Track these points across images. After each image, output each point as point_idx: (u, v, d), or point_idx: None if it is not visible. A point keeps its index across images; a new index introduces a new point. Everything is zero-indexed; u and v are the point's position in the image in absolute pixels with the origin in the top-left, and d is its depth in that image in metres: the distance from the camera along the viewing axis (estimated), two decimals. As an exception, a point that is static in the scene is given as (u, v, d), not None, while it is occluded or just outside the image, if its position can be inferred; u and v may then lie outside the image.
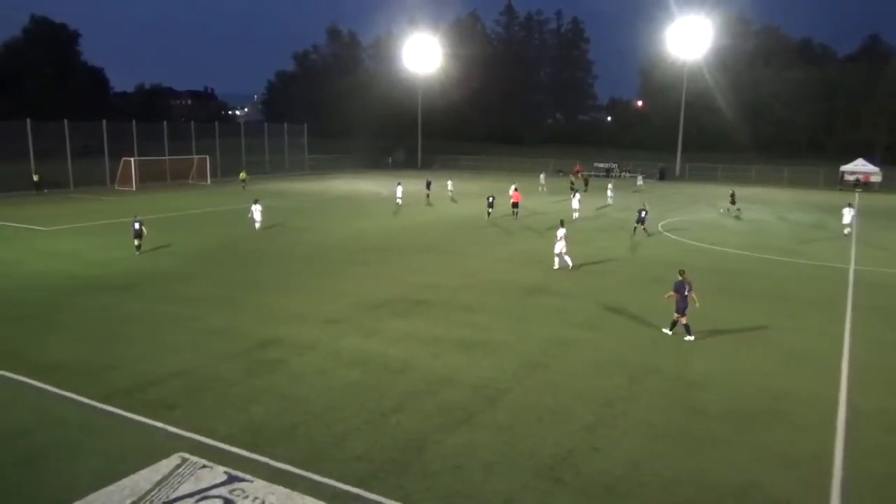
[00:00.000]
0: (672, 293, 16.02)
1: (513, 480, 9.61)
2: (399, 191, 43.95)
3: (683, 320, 15.90)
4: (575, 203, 38.04)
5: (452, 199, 46.42)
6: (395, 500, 9.06)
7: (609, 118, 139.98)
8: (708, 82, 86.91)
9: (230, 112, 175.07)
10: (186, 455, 10.11)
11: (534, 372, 13.91)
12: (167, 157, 58.64)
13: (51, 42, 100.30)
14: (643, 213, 32.33)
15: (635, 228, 32.47)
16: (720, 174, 71.60)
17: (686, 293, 15.74)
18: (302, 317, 17.61)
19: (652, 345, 15.75)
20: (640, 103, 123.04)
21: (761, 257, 27.29)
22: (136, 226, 26.09)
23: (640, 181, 62.56)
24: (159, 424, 11.18)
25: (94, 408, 11.88)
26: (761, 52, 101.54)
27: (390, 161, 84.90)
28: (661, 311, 17.30)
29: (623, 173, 73.91)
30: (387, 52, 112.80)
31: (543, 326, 17.06)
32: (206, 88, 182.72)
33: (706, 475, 9.87)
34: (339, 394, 12.61)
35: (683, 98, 73.33)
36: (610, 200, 45.39)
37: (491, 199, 37.59)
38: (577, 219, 36.75)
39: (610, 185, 48.10)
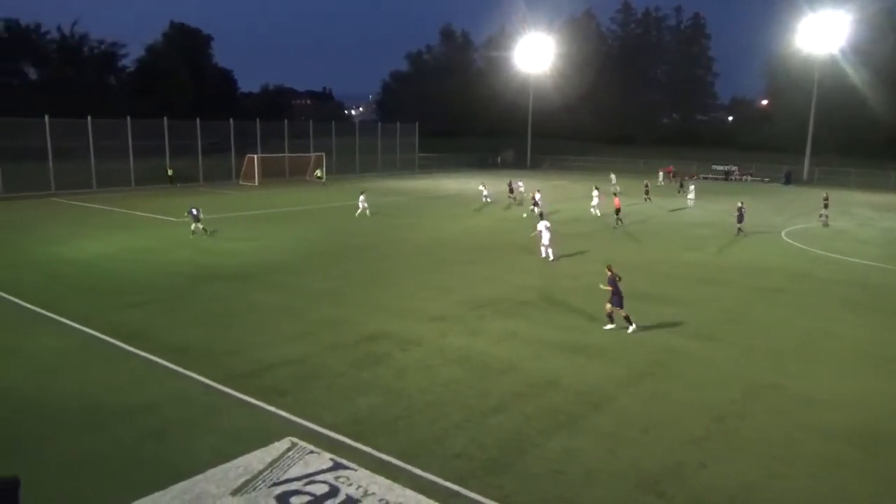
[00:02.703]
0: (608, 286, 16.39)
1: (614, 490, 9.35)
2: (485, 190, 44.64)
3: (622, 312, 16.28)
4: (594, 201, 38.30)
5: (517, 203, 44.51)
6: (494, 499, 9.04)
7: (730, 118, 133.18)
8: (843, 81, 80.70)
9: (346, 112, 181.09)
10: (296, 440, 10.57)
11: (640, 380, 13.48)
12: (287, 155, 61.60)
13: (187, 46, 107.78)
14: (741, 211, 31.65)
15: (739, 229, 31.68)
16: (853, 179, 66.18)
17: (616, 285, 16.32)
18: (408, 312, 17.96)
19: (772, 359, 14.85)
20: (764, 102, 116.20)
21: (899, 270, 25.07)
22: (194, 212, 29.68)
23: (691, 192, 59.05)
24: (272, 409, 11.75)
25: (215, 389, 12.66)
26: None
27: (499, 160, 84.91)
28: (784, 324, 16.28)
29: (745, 177, 70.09)
30: (499, 52, 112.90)
31: (651, 333, 16.47)
32: (324, 89, 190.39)
33: (829, 503, 9.18)
34: (442, 390, 12.75)
35: (814, 97, 68.50)
36: (690, 203, 43.08)
37: (537, 198, 37.03)
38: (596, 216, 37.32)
39: (692, 187, 45.35)
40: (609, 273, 16.42)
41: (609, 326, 16.63)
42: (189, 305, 18.71)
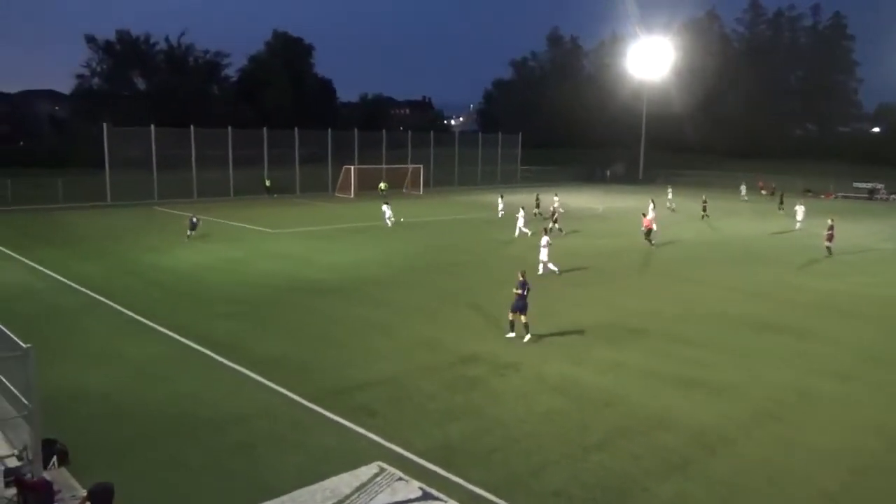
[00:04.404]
0: (517, 291, 17.02)
1: (733, 545, 8.85)
2: (501, 203, 44.44)
3: (523, 319, 16.96)
4: (650, 213, 36.39)
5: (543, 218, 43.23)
6: (595, 545, 8.78)
7: (876, 129, 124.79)
8: None
9: (445, 121, 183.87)
10: (384, 465, 10.70)
11: (764, 423, 12.75)
12: (384, 166, 63.16)
13: (288, 55, 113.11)
14: (831, 231, 30.87)
15: (828, 248, 30.88)
16: None
17: (524, 293, 16.97)
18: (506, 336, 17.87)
19: (923, 406, 13.68)
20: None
21: None
22: (194, 220, 33.80)
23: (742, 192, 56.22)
24: (361, 430, 11.97)
25: (303, 406, 13.05)
26: None
27: (608, 174, 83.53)
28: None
29: (893, 196, 65.40)
30: (610, 58, 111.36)
31: (778, 370, 15.59)
32: (423, 98, 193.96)
33: None
34: (540, 421, 12.57)
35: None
36: (799, 225, 40.15)
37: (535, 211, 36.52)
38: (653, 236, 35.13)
39: (801, 208, 41.84)
40: (520, 278, 17.27)
41: (511, 335, 17.38)
42: (281, 318, 19.45)
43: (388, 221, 38.76)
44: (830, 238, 31.07)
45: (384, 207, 39.60)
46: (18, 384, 9.29)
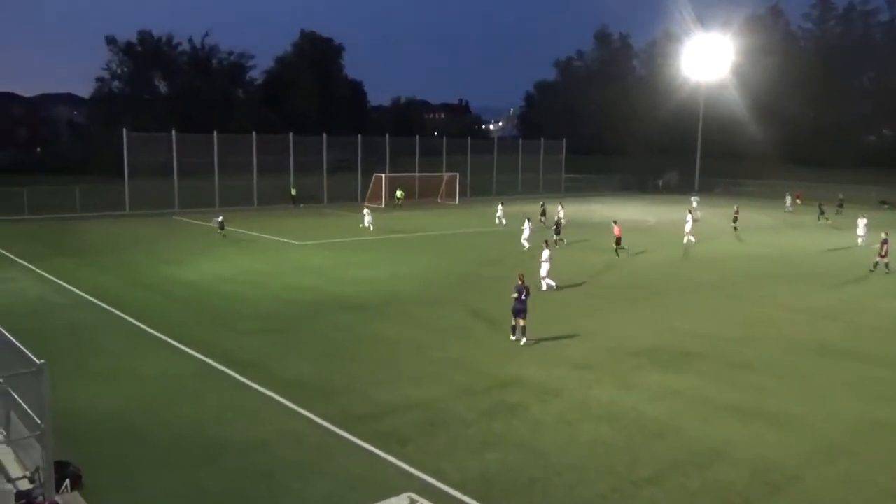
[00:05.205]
0: (514, 294, 18.38)
1: None
2: (500, 210, 45.95)
3: (521, 322, 18.29)
4: (688, 227, 38.05)
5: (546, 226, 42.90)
6: (645, 589, 8.63)
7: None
8: None
9: (483, 126, 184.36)
10: (415, 496, 10.64)
11: (835, 459, 12.43)
12: (417, 174, 63.39)
13: (317, 56, 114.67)
14: (885, 244, 30.31)
15: (876, 264, 30.37)
16: None
17: (523, 297, 18.25)
18: (547, 357, 17.78)
19: None
20: None
21: None
22: (219, 218, 38.65)
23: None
24: (391, 458, 11.97)
25: (330, 431, 13.12)
26: None
27: (660, 184, 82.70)
28: None
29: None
30: (663, 57, 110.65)
31: (849, 400, 15.21)
32: (460, 101, 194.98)
33: None
34: (585, 451, 12.44)
35: None
36: (861, 241, 38.94)
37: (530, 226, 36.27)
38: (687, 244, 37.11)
39: (863, 221, 40.43)
40: (519, 282, 18.43)
41: (514, 338, 18.62)
42: (307, 336, 19.63)
43: (368, 226, 41.49)
44: (885, 253, 30.57)
45: (364, 212, 42.79)
46: (31, 402, 9.49)
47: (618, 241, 34.05)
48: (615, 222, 35.59)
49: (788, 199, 61.96)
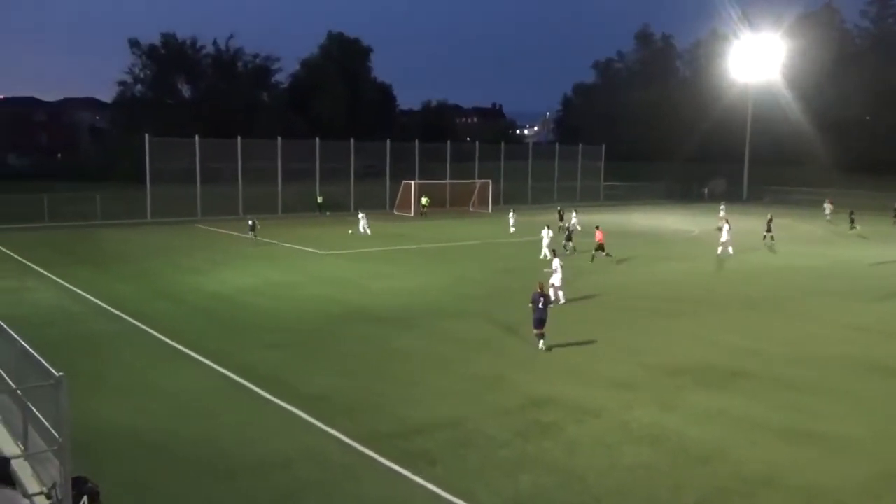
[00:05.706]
0: (531, 304, 19.26)
1: None
2: (512, 219, 46.98)
3: (537, 331, 19.17)
4: (724, 236, 38.34)
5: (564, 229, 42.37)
6: None
7: None
8: None
9: (518, 131, 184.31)
10: (444, 519, 10.64)
11: (893, 487, 12.14)
12: (448, 181, 63.39)
13: (344, 59, 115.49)
14: None
15: None
16: None
17: (541, 306, 19.03)
18: (584, 374, 17.64)
19: None
20: None
21: None
22: (251, 222, 41.07)
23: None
24: (419, 480, 11.94)
25: (355, 449, 13.13)
26: None
27: (706, 192, 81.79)
28: None
29: None
30: (709, 58, 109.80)
31: (914, 425, 14.87)
32: (493, 105, 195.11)
33: None
34: (625, 475, 12.30)
35: None
36: None
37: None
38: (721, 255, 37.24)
39: None
40: (537, 290, 19.33)
41: (542, 348, 19.28)
42: (331, 349, 19.72)
43: (363, 230, 44.02)
44: None
45: (360, 216, 45.59)
46: (49, 416, 9.62)
47: (601, 246, 34.82)
48: (598, 227, 36.25)
49: (828, 208, 60.61)
